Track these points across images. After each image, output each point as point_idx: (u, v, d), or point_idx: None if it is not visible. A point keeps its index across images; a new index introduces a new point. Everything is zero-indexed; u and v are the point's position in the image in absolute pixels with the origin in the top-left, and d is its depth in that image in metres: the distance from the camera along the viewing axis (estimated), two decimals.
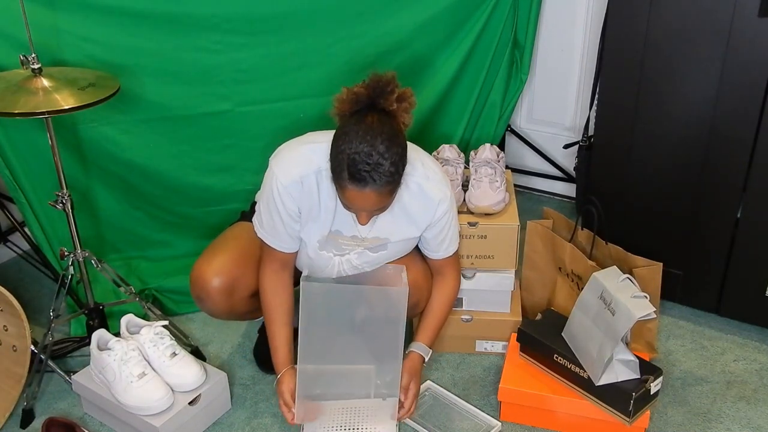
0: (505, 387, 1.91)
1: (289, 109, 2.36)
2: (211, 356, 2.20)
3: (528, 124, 3.01)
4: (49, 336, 1.98)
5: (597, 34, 2.50)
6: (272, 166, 1.79)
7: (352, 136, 1.60)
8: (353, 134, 1.60)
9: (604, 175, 2.32)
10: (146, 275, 2.42)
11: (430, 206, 1.83)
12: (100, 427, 1.96)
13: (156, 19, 2.12)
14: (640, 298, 1.76)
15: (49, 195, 1.98)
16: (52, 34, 2.05)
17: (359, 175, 1.60)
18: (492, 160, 2.16)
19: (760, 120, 1.96)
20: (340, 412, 1.91)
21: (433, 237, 1.90)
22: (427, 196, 1.81)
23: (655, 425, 1.91)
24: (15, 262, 2.59)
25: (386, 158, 1.59)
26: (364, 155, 1.58)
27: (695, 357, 2.16)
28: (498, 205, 2.08)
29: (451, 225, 1.90)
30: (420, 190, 1.80)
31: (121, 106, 2.16)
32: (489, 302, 2.13)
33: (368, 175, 1.59)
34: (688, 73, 2.03)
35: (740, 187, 2.07)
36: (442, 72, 2.55)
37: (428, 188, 1.81)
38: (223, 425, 1.95)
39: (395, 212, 1.81)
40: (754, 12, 1.88)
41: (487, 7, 2.52)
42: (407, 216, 1.84)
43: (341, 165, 1.61)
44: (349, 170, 1.60)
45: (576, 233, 2.10)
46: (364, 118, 1.61)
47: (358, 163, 1.59)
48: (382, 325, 1.85)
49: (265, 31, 2.24)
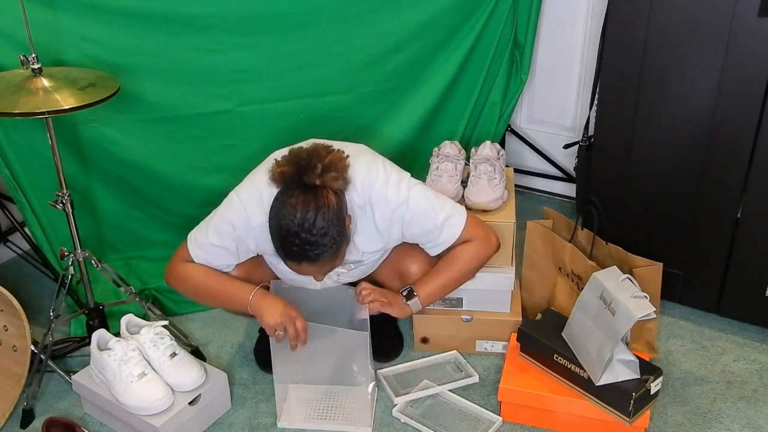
0: (505, 387, 1.91)
1: (288, 109, 2.37)
2: (211, 356, 2.20)
3: (528, 124, 3.01)
4: (49, 336, 1.98)
5: (597, 34, 2.50)
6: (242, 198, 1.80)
7: (281, 215, 1.66)
8: (282, 214, 1.66)
9: (604, 175, 2.32)
10: (146, 275, 2.42)
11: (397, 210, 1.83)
12: (100, 427, 1.96)
13: (156, 19, 2.12)
14: (640, 298, 1.75)
15: (49, 195, 1.98)
16: (52, 34, 2.05)
17: (291, 254, 1.68)
18: (492, 157, 2.17)
19: (761, 120, 1.96)
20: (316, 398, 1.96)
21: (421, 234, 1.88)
22: (389, 201, 1.82)
23: (655, 425, 1.91)
24: (15, 262, 2.59)
25: (313, 234, 1.65)
26: (291, 236, 1.65)
27: (695, 357, 2.16)
28: (495, 202, 2.09)
29: (429, 212, 1.84)
30: (385, 200, 1.81)
31: (121, 106, 2.16)
32: (489, 302, 2.13)
33: (300, 251, 1.66)
34: (688, 73, 2.03)
35: (740, 188, 2.06)
36: (442, 72, 2.55)
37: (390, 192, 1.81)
38: (223, 425, 1.95)
39: (365, 231, 1.83)
40: (754, 12, 1.87)
41: (487, 7, 2.52)
42: (378, 231, 1.85)
43: (276, 243, 1.70)
44: (282, 249, 1.69)
45: (576, 233, 2.10)
46: (290, 198, 1.66)
47: (287, 243, 1.66)
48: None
49: (265, 31, 2.24)
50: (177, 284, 1.91)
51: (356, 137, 2.34)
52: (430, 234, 1.87)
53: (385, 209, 1.82)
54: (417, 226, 1.85)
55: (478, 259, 1.92)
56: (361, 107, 2.48)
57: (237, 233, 1.81)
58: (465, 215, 1.89)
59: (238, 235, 1.82)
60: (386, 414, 1.96)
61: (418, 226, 1.85)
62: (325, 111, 2.43)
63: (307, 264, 1.70)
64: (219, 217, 1.84)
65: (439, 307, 2.14)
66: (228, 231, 1.82)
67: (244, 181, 1.85)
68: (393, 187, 1.81)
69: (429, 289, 1.93)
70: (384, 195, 1.80)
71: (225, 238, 1.82)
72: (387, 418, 1.95)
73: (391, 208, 1.82)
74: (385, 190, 1.80)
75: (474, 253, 1.90)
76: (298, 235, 1.64)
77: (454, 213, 1.87)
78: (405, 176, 1.86)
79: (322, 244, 1.66)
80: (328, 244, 1.67)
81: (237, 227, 1.81)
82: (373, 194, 1.80)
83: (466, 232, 1.88)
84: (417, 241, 1.92)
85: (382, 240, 1.87)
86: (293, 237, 1.65)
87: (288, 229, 1.64)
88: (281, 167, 1.69)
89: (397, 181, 1.82)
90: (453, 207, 1.89)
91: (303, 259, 1.68)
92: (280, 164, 1.70)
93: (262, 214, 1.76)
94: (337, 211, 1.69)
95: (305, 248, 1.66)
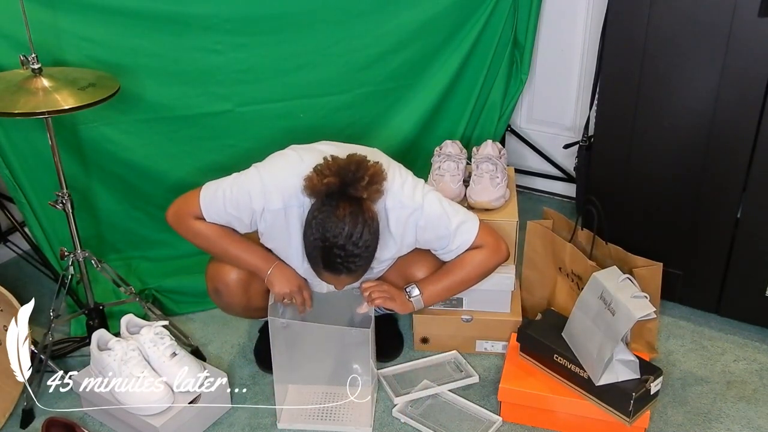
0: (505, 387, 1.91)
1: (289, 109, 2.37)
2: (211, 356, 2.20)
3: (528, 124, 3.01)
4: (49, 336, 1.98)
5: (597, 34, 2.50)
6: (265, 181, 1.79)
7: (326, 226, 1.64)
8: (326, 224, 1.64)
9: (604, 175, 2.32)
10: (146, 275, 2.42)
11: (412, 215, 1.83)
12: (100, 427, 1.96)
13: (156, 19, 2.12)
14: (640, 298, 1.75)
15: (49, 195, 1.98)
16: (52, 34, 2.05)
17: (333, 265, 1.67)
18: (493, 156, 2.17)
19: (761, 119, 1.96)
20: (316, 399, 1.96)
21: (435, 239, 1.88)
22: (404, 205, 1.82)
23: (655, 425, 1.91)
24: (15, 262, 2.59)
25: (359, 247, 1.65)
26: (337, 248, 1.64)
27: (695, 357, 2.16)
28: (497, 200, 2.09)
29: (443, 217, 1.85)
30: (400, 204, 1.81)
31: (121, 106, 2.16)
32: (489, 302, 2.13)
33: (341, 265, 1.67)
34: (688, 73, 2.03)
35: (740, 188, 2.06)
36: (442, 72, 2.55)
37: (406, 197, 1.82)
38: (223, 425, 1.95)
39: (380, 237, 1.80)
40: (754, 12, 1.87)
41: (487, 7, 2.52)
42: (392, 236, 1.85)
43: (314, 253, 1.68)
44: (323, 260, 1.68)
45: (576, 233, 2.10)
46: (336, 209, 1.65)
47: (331, 255, 1.65)
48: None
49: (265, 32, 2.24)
50: (186, 236, 1.88)
51: (356, 137, 2.34)
52: (443, 240, 1.87)
53: (400, 214, 1.82)
54: (431, 232, 1.86)
55: (486, 266, 1.92)
56: (361, 107, 2.48)
57: (253, 207, 1.79)
58: (478, 222, 1.90)
59: (253, 209, 1.80)
60: (386, 414, 1.96)
61: (432, 231, 1.86)
62: (325, 111, 2.43)
63: (345, 275, 1.71)
64: (238, 189, 1.80)
65: (439, 307, 2.14)
66: (245, 205, 1.79)
67: (270, 165, 1.82)
68: (408, 191, 1.82)
69: (433, 289, 1.93)
70: (400, 200, 1.81)
71: (242, 211, 1.81)
72: (387, 418, 1.95)
73: (407, 213, 1.82)
74: (401, 195, 1.81)
75: (483, 259, 1.90)
76: (344, 247, 1.64)
77: (467, 219, 1.88)
78: (420, 182, 1.87)
79: (364, 257, 1.68)
80: (368, 257, 1.70)
81: (255, 208, 1.79)
82: (388, 199, 1.80)
83: (478, 238, 1.89)
84: (430, 246, 1.92)
85: (396, 245, 1.87)
86: (339, 249, 1.65)
87: (334, 242, 1.64)
88: (326, 178, 1.67)
89: (412, 186, 1.84)
90: (466, 213, 1.90)
91: (342, 271, 1.69)
92: (322, 173, 1.68)
93: (281, 200, 1.76)
94: (378, 223, 1.71)
95: (348, 260, 1.66)
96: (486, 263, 1.91)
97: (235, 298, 1.94)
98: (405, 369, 2.12)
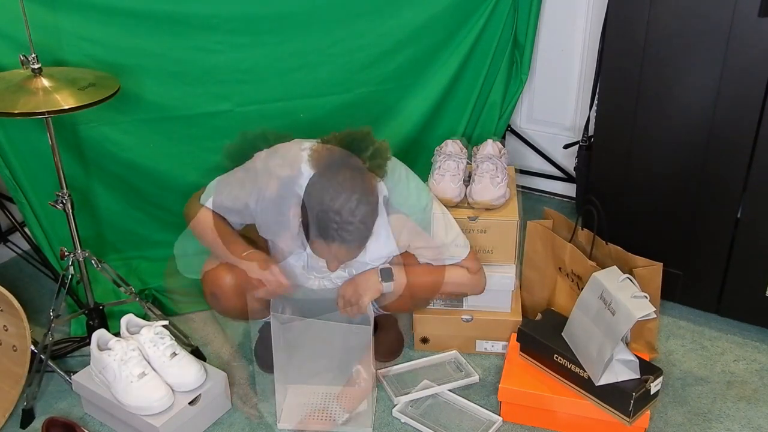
0: (505, 387, 1.91)
1: (289, 109, 2.37)
2: (211, 356, 2.20)
3: (528, 124, 3.01)
4: (49, 336, 1.98)
5: (597, 35, 2.50)
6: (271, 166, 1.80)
7: (324, 192, 1.64)
8: (324, 190, 1.64)
9: (604, 175, 2.32)
10: (146, 275, 2.42)
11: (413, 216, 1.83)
12: (100, 427, 1.96)
13: (156, 19, 2.12)
14: (640, 298, 1.75)
15: (49, 195, 1.98)
16: (52, 34, 2.05)
17: (327, 232, 1.64)
18: (494, 155, 2.17)
19: (760, 120, 1.96)
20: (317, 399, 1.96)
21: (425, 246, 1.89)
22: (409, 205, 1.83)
23: (655, 425, 1.91)
24: (15, 262, 2.59)
25: (355, 216, 1.63)
26: (333, 213, 1.62)
27: (695, 357, 2.16)
28: (498, 200, 2.09)
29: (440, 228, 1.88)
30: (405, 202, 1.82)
31: (121, 106, 2.16)
32: (489, 302, 2.13)
33: (336, 233, 1.64)
34: (688, 73, 2.03)
35: (740, 188, 2.06)
36: (442, 72, 2.55)
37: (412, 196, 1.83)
38: (223, 425, 1.95)
39: (377, 231, 1.81)
40: (754, 12, 1.87)
41: (487, 7, 2.52)
42: (389, 236, 1.85)
43: (311, 218, 1.66)
44: (317, 226, 1.65)
45: (576, 233, 2.10)
46: (337, 174, 1.64)
47: (327, 221, 1.63)
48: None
49: (266, 31, 2.24)
50: (189, 217, 1.92)
51: None
52: (435, 250, 1.89)
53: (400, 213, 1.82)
54: (424, 240, 1.87)
55: (462, 284, 1.96)
56: (361, 107, 2.48)
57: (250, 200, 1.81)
58: (469, 245, 1.94)
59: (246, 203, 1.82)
60: (386, 414, 1.96)
61: (425, 239, 1.87)
62: (325, 111, 2.43)
63: (337, 245, 1.67)
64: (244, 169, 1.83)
65: (439, 307, 2.14)
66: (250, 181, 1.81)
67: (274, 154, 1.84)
68: (414, 192, 1.84)
69: (405, 279, 1.91)
70: (405, 197, 1.82)
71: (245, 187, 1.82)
72: (387, 418, 1.95)
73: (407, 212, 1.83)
74: (407, 193, 1.82)
75: (463, 276, 1.94)
76: (339, 212, 1.62)
77: (461, 237, 1.93)
78: (425, 187, 1.89)
79: (360, 230, 1.66)
80: (362, 233, 1.67)
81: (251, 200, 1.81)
82: (393, 194, 1.80)
83: (467, 260, 1.93)
84: (419, 254, 1.92)
85: (391, 244, 1.87)
86: (335, 214, 1.62)
87: (330, 205, 1.62)
88: (329, 142, 1.68)
89: (418, 189, 1.86)
90: (461, 233, 1.94)
91: (336, 239, 1.66)
92: (326, 140, 1.70)
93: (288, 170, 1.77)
94: (377, 199, 1.70)
95: (342, 228, 1.63)
96: (463, 281, 1.95)
97: (231, 302, 1.94)
98: (405, 369, 2.12)
